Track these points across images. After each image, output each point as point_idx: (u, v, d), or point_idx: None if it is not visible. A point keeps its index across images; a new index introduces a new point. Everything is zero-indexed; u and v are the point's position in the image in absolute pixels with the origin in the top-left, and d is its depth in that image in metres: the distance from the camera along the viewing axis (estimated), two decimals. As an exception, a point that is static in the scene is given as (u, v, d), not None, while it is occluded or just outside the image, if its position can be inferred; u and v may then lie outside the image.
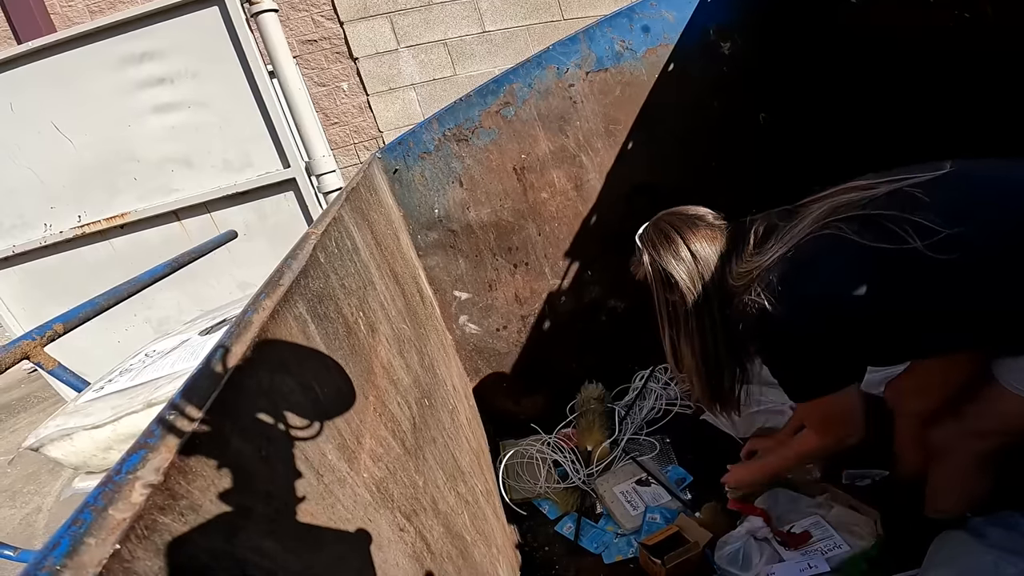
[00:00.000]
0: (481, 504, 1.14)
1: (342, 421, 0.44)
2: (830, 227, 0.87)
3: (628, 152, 1.73)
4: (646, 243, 1.09)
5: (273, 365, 0.35)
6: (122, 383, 1.00)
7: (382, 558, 0.43)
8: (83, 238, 2.44)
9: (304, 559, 0.30)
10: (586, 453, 1.76)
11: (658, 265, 1.05)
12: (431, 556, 0.58)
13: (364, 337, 0.60)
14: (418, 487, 0.62)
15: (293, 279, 0.45)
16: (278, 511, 0.29)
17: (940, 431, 1.06)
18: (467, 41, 3.32)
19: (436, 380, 1.04)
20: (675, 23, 1.69)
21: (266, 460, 0.30)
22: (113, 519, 0.20)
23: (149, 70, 2.20)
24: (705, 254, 1.03)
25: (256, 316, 0.36)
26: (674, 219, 1.08)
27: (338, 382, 0.46)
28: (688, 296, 1.04)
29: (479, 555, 0.92)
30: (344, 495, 0.39)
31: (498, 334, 1.83)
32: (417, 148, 1.63)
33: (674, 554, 1.31)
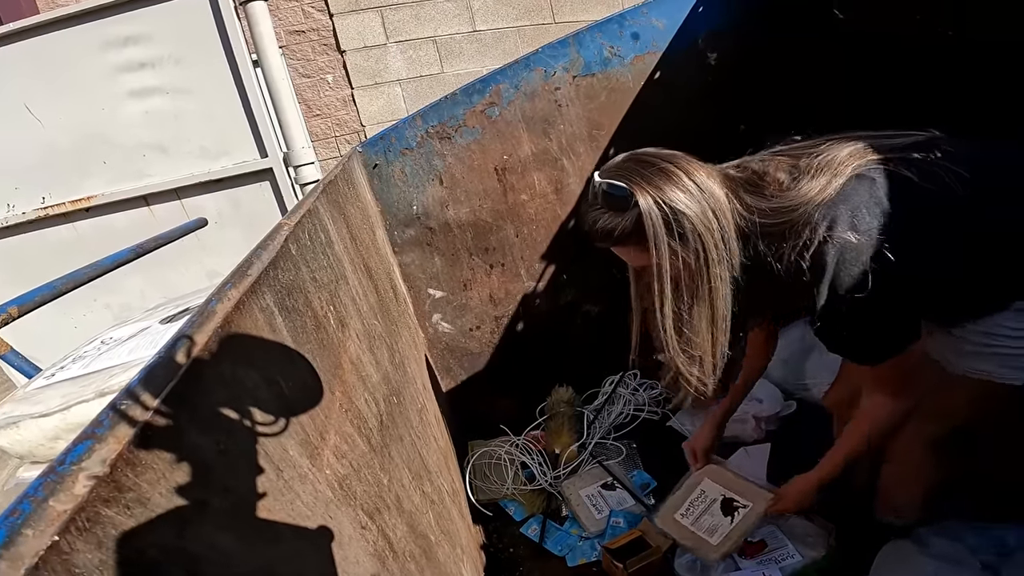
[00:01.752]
0: (447, 504, 1.14)
1: (306, 417, 0.43)
2: (890, 164, 0.79)
3: (609, 158, 1.74)
4: (637, 181, 0.81)
5: (236, 357, 0.34)
6: (74, 371, 0.96)
7: (342, 555, 0.42)
8: (46, 220, 2.37)
9: (261, 554, 0.29)
10: (554, 456, 1.77)
11: (662, 203, 0.79)
12: (393, 555, 0.58)
13: (333, 332, 0.59)
14: (383, 485, 0.61)
15: (262, 270, 0.45)
16: (235, 506, 0.29)
17: None
18: (457, 39, 3.32)
19: (406, 378, 1.03)
20: (664, 31, 1.71)
21: (224, 453, 0.30)
22: (53, 510, 0.19)
23: (131, 54, 2.16)
24: (712, 189, 0.82)
25: (220, 306, 0.35)
26: (657, 153, 0.87)
27: (304, 377, 0.46)
28: (708, 239, 0.80)
29: (443, 555, 0.91)
30: (304, 491, 0.38)
31: (471, 334, 1.83)
32: (399, 144, 1.62)
33: (636, 559, 1.33)
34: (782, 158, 0.86)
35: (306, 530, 0.36)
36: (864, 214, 0.76)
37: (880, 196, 0.77)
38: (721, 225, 0.81)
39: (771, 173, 0.84)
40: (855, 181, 0.78)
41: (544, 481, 1.71)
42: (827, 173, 0.78)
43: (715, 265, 0.82)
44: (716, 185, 0.82)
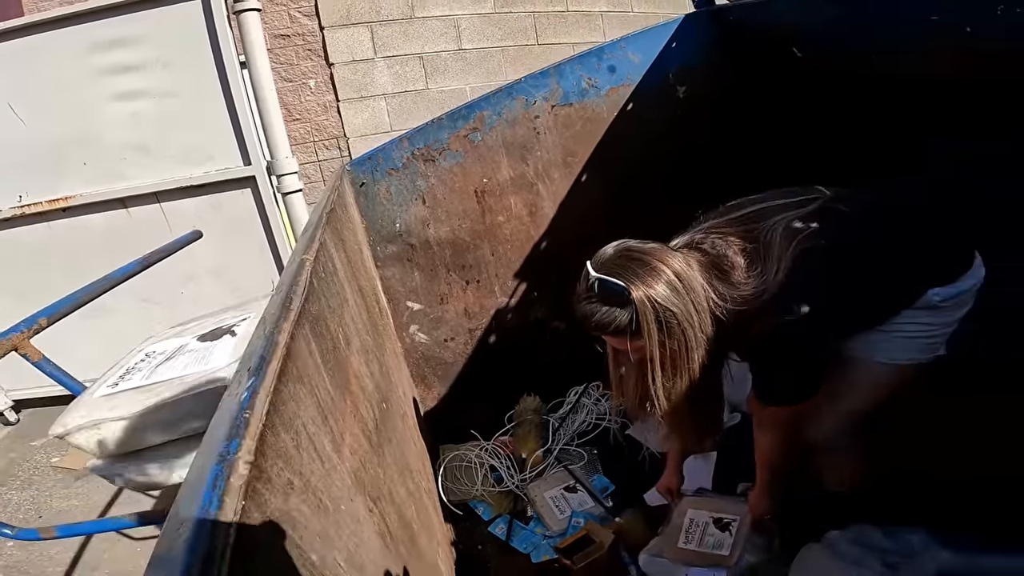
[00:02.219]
0: (424, 500, 1.25)
1: (332, 420, 0.54)
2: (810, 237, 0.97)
3: (581, 184, 1.89)
4: (631, 279, 0.91)
5: (294, 377, 0.46)
6: (135, 381, 1.07)
7: (360, 531, 0.54)
8: (21, 218, 2.37)
9: (321, 522, 0.41)
10: (521, 460, 1.89)
11: (654, 301, 0.91)
12: (391, 537, 0.70)
13: (343, 350, 0.71)
14: (380, 478, 0.73)
15: (300, 304, 0.56)
16: (305, 486, 0.40)
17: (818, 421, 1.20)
18: (443, 57, 3.42)
19: (391, 386, 1.15)
20: (639, 65, 1.85)
21: (297, 448, 0.41)
22: (232, 484, 0.30)
23: (119, 57, 2.19)
24: (691, 282, 0.95)
25: (281, 337, 0.47)
26: (638, 247, 0.98)
27: (329, 389, 0.57)
28: (688, 330, 0.94)
29: (423, 544, 1.03)
30: (336, 479, 0.50)
31: (446, 344, 1.94)
32: (386, 164, 1.72)
33: (581, 555, 1.44)
34: (730, 237, 1.01)
35: (340, 508, 0.48)
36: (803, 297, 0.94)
37: (816, 270, 0.96)
38: (700, 318, 0.95)
39: (730, 257, 0.98)
40: (794, 263, 0.95)
41: (511, 483, 1.82)
42: (772, 258, 0.95)
43: (695, 353, 0.97)
44: (695, 277, 0.96)
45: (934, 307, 1.03)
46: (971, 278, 1.04)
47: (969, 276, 1.04)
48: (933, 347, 1.09)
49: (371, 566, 0.52)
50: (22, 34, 2.16)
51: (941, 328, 1.07)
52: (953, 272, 1.03)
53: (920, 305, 1.03)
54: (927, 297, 1.02)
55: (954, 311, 1.06)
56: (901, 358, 1.08)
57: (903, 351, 1.07)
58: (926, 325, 1.06)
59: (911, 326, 1.05)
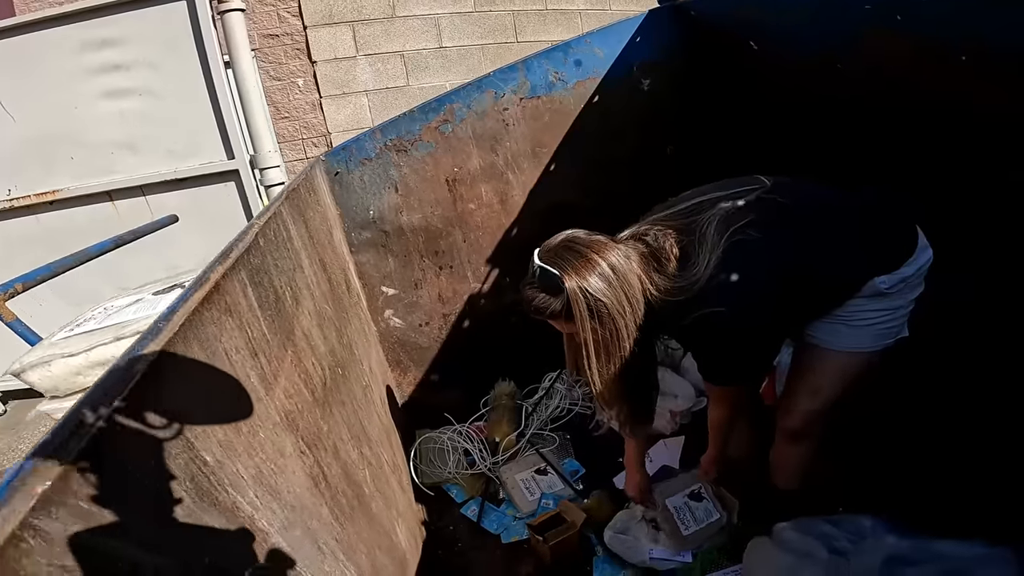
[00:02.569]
0: (386, 472, 1.30)
1: (263, 359, 0.60)
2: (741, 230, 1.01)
3: (550, 173, 1.95)
4: (565, 268, 0.97)
5: (222, 308, 0.51)
6: (90, 326, 1.14)
7: (284, 464, 0.59)
8: (10, 211, 2.42)
9: (227, 434, 0.46)
10: (494, 444, 1.93)
11: (585, 291, 0.97)
12: (326, 483, 0.75)
13: (289, 306, 0.76)
14: (322, 430, 0.78)
15: (240, 253, 0.61)
16: (213, 398, 0.45)
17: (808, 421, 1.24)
18: (423, 55, 3.49)
19: (353, 358, 1.20)
20: (604, 59, 1.92)
21: (212, 365, 0.46)
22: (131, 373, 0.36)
23: (107, 56, 2.25)
24: (624, 270, 1.00)
25: (212, 275, 0.52)
26: (578, 239, 1.03)
27: (265, 332, 0.62)
28: (619, 320, 1.00)
29: (376, 508, 1.08)
30: (259, 408, 0.55)
31: (421, 329, 1.99)
32: (359, 154, 1.78)
33: (553, 532, 1.49)
34: (669, 230, 1.06)
35: (258, 433, 0.53)
36: (734, 286, 0.99)
37: (744, 262, 1.00)
38: (632, 308, 1.00)
39: (667, 250, 1.04)
40: (724, 254, 0.99)
41: (484, 466, 1.87)
42: (705, 251, 1.00)
43: (626, 343, 1.02)
44: (632, 269, 1.01)
45: (882, 294, 1.07)
46: (914, 263, 1.07)
47: (912, 262, 1.06)
48: (893, 331, 1.12)
49: (288, 495, 0.57)
50: (13, 34, 2.23)
51: (895, 312, 1.10)
52: (895, 259, 1.06)
53: (867, 293, 1.07)
54: (873, 285, 1.06)
55: (904, 295, 1.09)
56: (866, 346, 1.12)
57: (866, 339, 1.11)
58: (879, 312, 1.09)
59: (865, 314, 1.09)
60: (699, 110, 2.03)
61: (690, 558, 1.42)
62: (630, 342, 1.02)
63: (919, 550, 1.05)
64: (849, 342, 1.12)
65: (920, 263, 1.08)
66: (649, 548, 1.46)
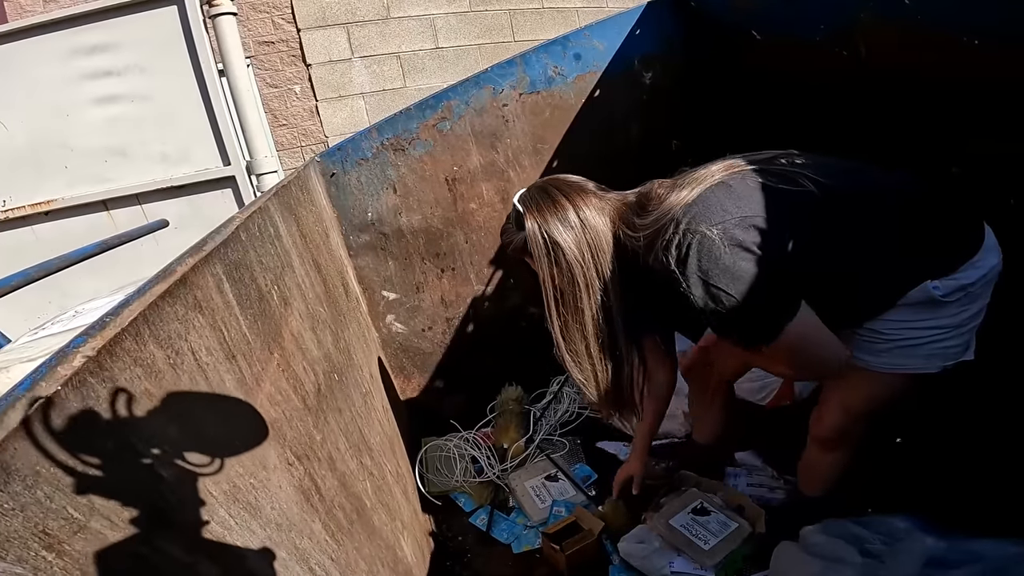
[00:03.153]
0: (389, 482, 1.24)
1: (244, 362, 0.54)
2: (750, 172, 0.90)
3: (553, 170, 1.90)
4: (530, 207, 0.96)
5: (189, 304, 0.45)
6: (55, 329, 1.08)
7: (267, 477, 0.53)
8: (5, 223, 2.38)
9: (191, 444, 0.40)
10: (502, 450, 1.87)
11: (543, 231, 0.94)
12: (320, 497, 0.69)
13: (276, 306, 0.70)
14: (314, 440, 0.72)
15: (215, 246, 0.56)
16: (174, 404, 0.39)
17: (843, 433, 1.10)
18: (420, 55, 3.46)
19: (351, 364, 1.14)
20: (604, 52, 1.87)
21: (174, 367, 0.40)
22: (58, 372, 0.30)
23: (98, 62, 2.23)
24: (594, 221, 0.95)
25: (180, 267, 0.46)
26: (560, 183, 1.01)
27: (245, 332, 0.56)
28: (576, 266, 0.94)
29: (379, 521, 1.01)
30: (236, 418, 0.49)
31: (423, 334, 1.94)
32: (355, 154, 1.73)
33: (571, 540, 1.42)
34: (669, 180, 0.97)
35: (236, 445, 0.47)
36: (717, 210, 0.85)
37: (737, 195, 0.86)
38: (596, 259, 0.95)
39: (655, 191, 0.96)
40: (715, 186, 0.88)
41: (492, 474, 1.80)
42: (695, 183, 0.89)
43: (583, 293, 0.96)
44: (603, 219, 0.96)
45: (935, 302, 0.88)
46: (978, 267, 0.88)
47: (975, 265, 0.88)
48: (953, 352, 0.93)
49: (272, 512, 0.51)
50: (2, 41, 2.19)
51: (957, 330, 0.91)
52: (951, 260, 0.88)
53: (915, 300, 0.89)
54: (924, 290, 0.88)
55: (968, 304, 0.90)
56: (914, 367, 0.94)
57: (916, 359, 0.94)
58: (934, 328, 0.91)
59: (913, 330, 0.91)
60: (703, 103, 1.97)
61: (712, 573, 1.34)
62: (590, 294, 0.96)
63: (956, 551, 0.98)
64: (894, 362, 0.95)
65: (985, 268, 0.89)
66: (670, 561, 1.38)
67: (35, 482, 0.27)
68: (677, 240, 0.85)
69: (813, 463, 1.24)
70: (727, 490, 1.51)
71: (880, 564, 1.00)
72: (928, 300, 0.88)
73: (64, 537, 0.26)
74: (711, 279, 0.84)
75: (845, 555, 1.05)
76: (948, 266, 0.88)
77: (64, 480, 0.28)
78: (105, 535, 0.29)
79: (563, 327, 1.00)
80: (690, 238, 0.84)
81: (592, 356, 1.02)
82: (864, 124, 1.51)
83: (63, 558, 0.26)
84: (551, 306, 1.00)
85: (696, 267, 0.84)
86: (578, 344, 1.01)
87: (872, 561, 1.02)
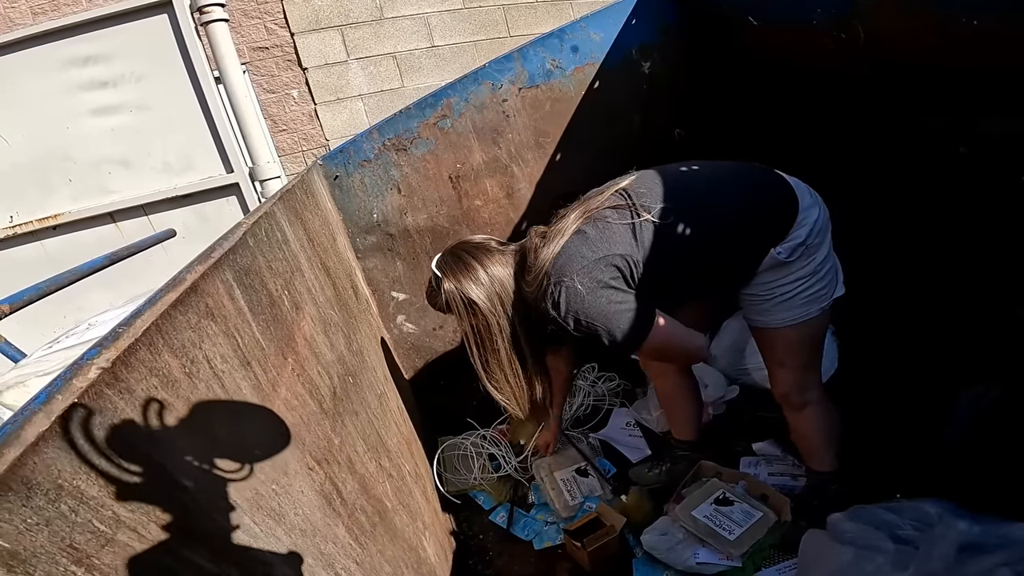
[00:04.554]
0: (408, 483, 1.23)
1: (259, 368, 0.53)
2: (588, 220, 1.09)
3: (556, 163, 1.88)
4: (446, 272, 1.13)
5: (201, 312, 0.44)
6: (70, 342, 1.09)
7: (288, 483, 0.52)
8: (14, 239, 2.39)
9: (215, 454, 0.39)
10: (519, 446, 1.86)
11: (460, 291, 1.12)
12: (341, 501, 0.68)
13: (288, 311, 0.69)
14: (333, 443, 0.71)
15: (223, 253, 0.55)
16: (192, 413, 0.39)
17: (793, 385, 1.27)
18: (416, 55, 3.44)
19: (364, 366, 1.13)
20: (601, 43, 1.85)
21: (190, 376, 0.40)
22: (74, 385, 0.29)
23: (92, 73, 2.21)
24: (500, 275, 1.13)
25: (189, 275, 0.46)
26: (469, 247, 1.17)
27: (259, 338, 0.56)
28: (490, 316, 1.13)
29: (400, 523, 1.01)
30: (254, 425, 0.48)
31: (435, 333, 1.93)
32: (357, 156, 1.72)
33: (593, 537, 1.41)
34: (541, 227, 1.16)
35: (255, 451, 0.47)
36: (576, 258, 1.04)
37: (591, 241, 1.06)
38: (504, 307, 1.13)
39: (531, 248, 1.11)
40: (573, 236, 1.07)
41: (510, 469, 1.79)
42: (558, 236, 1.08)
43: (497, 337, 1.14)
44: (506, 271, 1.14)
45: (784, 264, 1.10)
46: (804, 225, 1.08)
47: (801, 223, 1.08)
48: (823, 295, 1.14)
49: (296, 517, 0.50)
50: (-2, 54, 2.18)
51: (813, 277, 1.12)
52: (781, 227, 1.08)
53: (768, 266, 1.11)
54: (772, 258, 1.09)
55: (811, 257, 1.10)
56: (800, 316, 1.14)
57: (797, 310, 1.14)
58: (794, 282, 1.12)
59: (779, 287, 1.13)
60: (704, 90, 1.96)
61: (739, 563, 1.32)
62: (503, 337, 1.14)
63: (991, 535, 0.95)
64: (781, 316, 1.15)
65: (810, 224, 1.09)
66: (695, 552, 1.37)
67: (58, 496, 0.26)
68: (550, 291, 1.06)
69: (798, 432, 1.36)
70: (749, 480, 1.49)
71: (914, 550, 0.98)
72: (777, 263, 1.10)
73: (92, 551, 0.26)
74: (580, 317, 1.05)
75: (877, 542, 1.03)
76: (781, 234, 1.08)
77: (88, 493, 0.27)
78: (133, 547, 0.28)
79: (484, 364, 1.19)
80: (559, 289, 1.04)
81: (509, 382, 1.20)
82: (864, 107, 1.49)
83: (92, 572, 0.26)
84: (473, 349, 1.19)
85: (566, 310, 1.05)
86: (497, 375, 1.20)
87: (905, 547, 1.00)
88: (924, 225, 1.53)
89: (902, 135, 1.44)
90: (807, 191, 1.14)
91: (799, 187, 1.13)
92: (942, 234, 1.49)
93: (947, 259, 1.51)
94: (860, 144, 1.58)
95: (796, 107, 1.75)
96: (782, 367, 1.25)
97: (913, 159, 1.45)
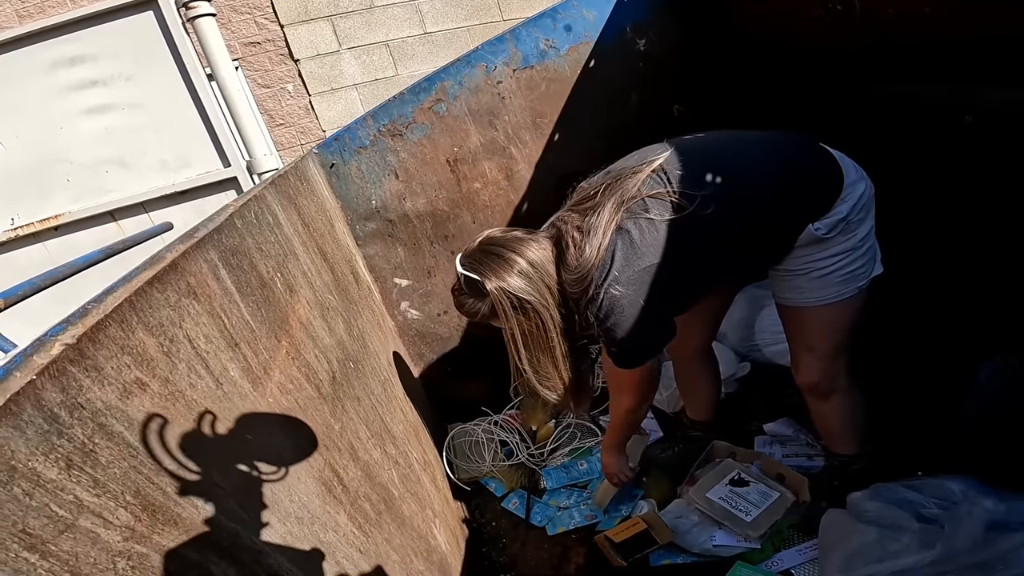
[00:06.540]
0: (416, 470, 1.22)
1: (248, 350, 0.51)
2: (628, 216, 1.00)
3: (555, 143, 1.84)
4: (483, 272, 0.99)
5: (182, 290, 0.42)
6: None
7: (281, 468, 0.50)
8: (16, 241, 2.39)
9: (200, 438, 0.37)
10: (531, 432, 1.84)
11: (506, 290, 0.98)
12: (343, 489, 0.66)
13: (281, 294, 0.67)
14: (333, 429, 0.69)
15: (207, 233, 0.52)
16: (171, 394, 0.37)
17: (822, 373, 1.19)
18: (408, 42, 3.39)
19: (367, 352, 1.11)
20: (595, 22, 1.81)
21: (168, 355, 0.37)
22: (34, 361, 0.27)
23: (81, 73, 2.18)
24: (542, 261, 1.02)
25: (169, 254, 0.43)
26: (496, 240, 1.05)
27: (248, 320, 0.53)
28: (543, 311, 1.02)
29: (408, 511, 0.99)
30: (245, 407, 0.46)
31: (439, 319, 1.91)
32: (353, 143, 1.69)
33: (642, 556, 1.32)
34: (573, 215, 1.05)
35: (246, 437, 0.44)
36: (622, 267, 0.97)
37: (636, 246, 0.98)
38: (554, 296, 1.02)
39: (566, 239, 1.02)
40: (617, 236, 0.99)
41: (522, 456, 1.77)
42: (597, 233, 0.98)
43: (552, 329, 1.03)
44: (545, 254, 1.02)
45: (822, 240, 1.02)
46: (847, 201, 1.02)
47: (844, 199, 1.01)
48: (860, 274, 1.07)
49: (291, 504, 0.48)
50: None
51: (851, 255, 1.05)
52: (823, 202, 1.01)
53: (805, 243, 1.03)
54: (809, 234, 1.02)
55: (850, 234, 1.04)
56: (833, 295, 1.07)
57: (831, 288, 1.07)
58: (831, 258, 1.04)
59: (816, 264, 1.05)
60: (700, 66, 1.91)
61: (758, 545, 1.29)
62: (557, 330, 1.03)
63: (1017, 512, 0.93)
64: (815, 295, 1.08)
65: (854, 199, 1.02)
66: (711, 535, 1.34)
67: (10, 478, 0.24)
68: (599, 298, 0.98)
69: (821, 417, 1.28)
70: (764, 459, 1.46)
71: (939, 529, 0.95)
72: (815, 240, 1.02)
73: (48, 537, 0.24)
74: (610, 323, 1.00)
75: (901, 521, 1.00)
76: (823, 209, 1.01)
77: (45, 476, 0.25)
78: (97, 534, 0.26)
79: (536, 364, 1.07)
80: (607, 298, 0.98)
81: (563, 377, 1.09)
82: (863, 79, 1.44)
83: (48, 559, 0.23)
84: (520, 350, 1.05)
85: (608, 317, 0.99)
86: (550, 372, 1.08)
87: (930, 526, 0.97)
88: (934, 196, 1.49)
89: (901, 106, 1.40)
90: (852, 166, 1.06)
91: (844, 161, 1.06)
92: (953, 205, 1.45)
93: (960, 231, 1.47)
94: (858, 116, 1.53)
95: (794, 81, 1.70)
96: (810, 352, 1.16)
97: (915, 130, 1.40)
